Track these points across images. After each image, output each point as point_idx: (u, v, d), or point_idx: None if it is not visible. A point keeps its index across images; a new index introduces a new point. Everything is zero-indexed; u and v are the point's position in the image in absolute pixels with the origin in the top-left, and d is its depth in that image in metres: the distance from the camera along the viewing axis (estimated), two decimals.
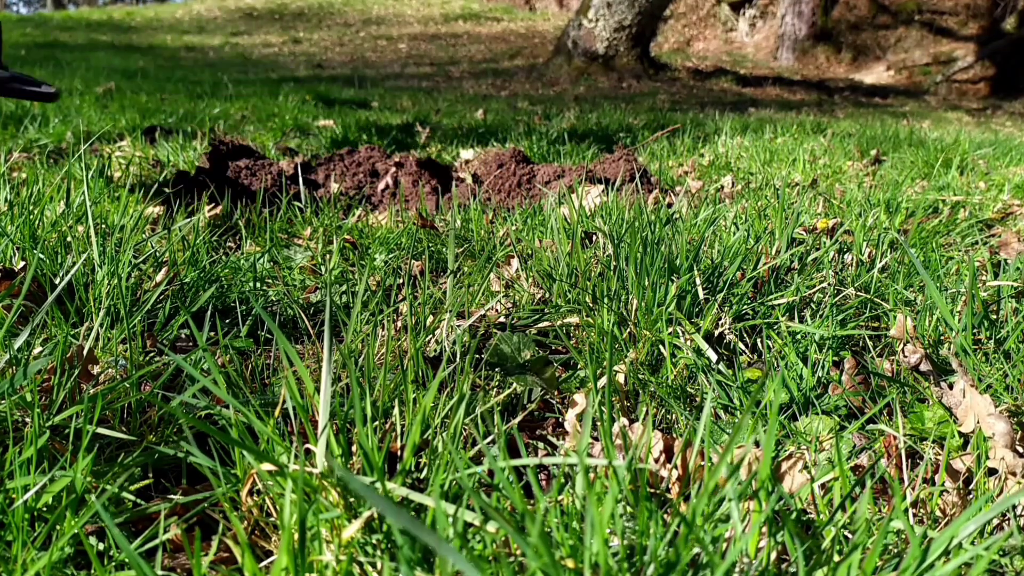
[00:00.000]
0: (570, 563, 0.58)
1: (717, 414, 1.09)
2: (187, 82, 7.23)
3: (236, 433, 0.77)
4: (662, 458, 0.92)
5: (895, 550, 0.77)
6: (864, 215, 2.06)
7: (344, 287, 1.53)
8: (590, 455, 0.94)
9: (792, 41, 14.63)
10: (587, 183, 2.46)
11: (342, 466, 0.75)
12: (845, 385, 1.09)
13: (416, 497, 0.70)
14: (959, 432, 1.00)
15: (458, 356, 1.16)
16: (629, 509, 0.72)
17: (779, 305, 1.36)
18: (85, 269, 1.28)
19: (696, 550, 0.63)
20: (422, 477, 0.82)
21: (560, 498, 0.70)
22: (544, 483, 0.94)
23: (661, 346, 1.22)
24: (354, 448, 0.82)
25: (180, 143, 3.21)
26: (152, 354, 1.14)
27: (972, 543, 0.74)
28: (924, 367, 1.15)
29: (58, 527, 0.71)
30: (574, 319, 1.33)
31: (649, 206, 2.09)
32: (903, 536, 0.79)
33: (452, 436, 0.81)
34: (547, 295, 1.47)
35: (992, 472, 0.94)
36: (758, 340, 1.30)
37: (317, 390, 0.82)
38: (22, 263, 1.33)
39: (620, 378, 1.14)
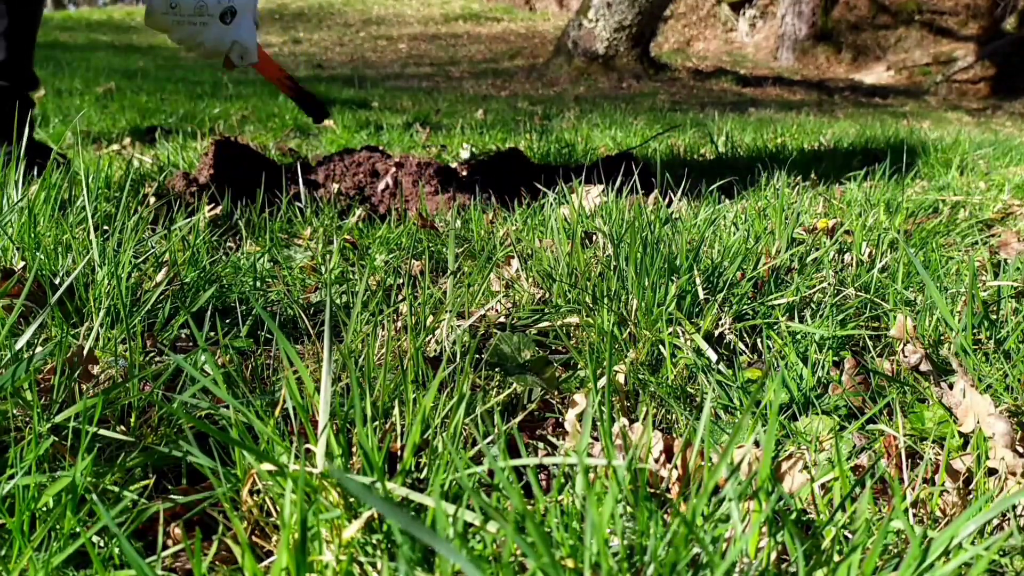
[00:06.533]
0: (570, 563, 0.58)
1: (717, 414, 1.09)
2: (187, 82, 7.23)
3: (236, 433, 0.77)
4: (662, 458, 0.92)
5: (895, 550, 0.77)
6: (864, 215, 2.06)
7: (344, 287, 1.53)
8: (590, 455, 0.94)
9: (792, 41, 14.63)
10: (587, 183, 2.46)
11: (341, 468, 0.75)
12: (845, 385, 1.09)
13: (416, 497, 0.70)
14: (959, 432, 1.00)
15: (458, 356, 1.16)
16: (629, 509, 0.72)
17: (779, 305, 1.36)
18: (85, 269, 1.28)
19: (696, 550, 0.63)
20: (422, 477, 0.82)
21: (560, 498, 0.70)
22: (544, 483, 0.94)
23: (661, 346, 1.22)
24: (354, 448, 0.82)
25: (180, 143, 3.21)
26: (152, 354, 1.14)
27: (972, 543, 0.74)
28: (924, 367, 1.15)
29: (58, 527, 0.71)
30: (574, 319, 1.33)
31: (649, 206, 2.09)
32: (903, 536, 0.79)
33: (452, 436, 0.81)
34: (547, 295, 1.47)
35: (992, 472, 0.94)
36: (758, 340, 1.30)
37: (317, 390, 0.82)
38: (22, 263, 1.33)
39: (620, 378, 1.14)
